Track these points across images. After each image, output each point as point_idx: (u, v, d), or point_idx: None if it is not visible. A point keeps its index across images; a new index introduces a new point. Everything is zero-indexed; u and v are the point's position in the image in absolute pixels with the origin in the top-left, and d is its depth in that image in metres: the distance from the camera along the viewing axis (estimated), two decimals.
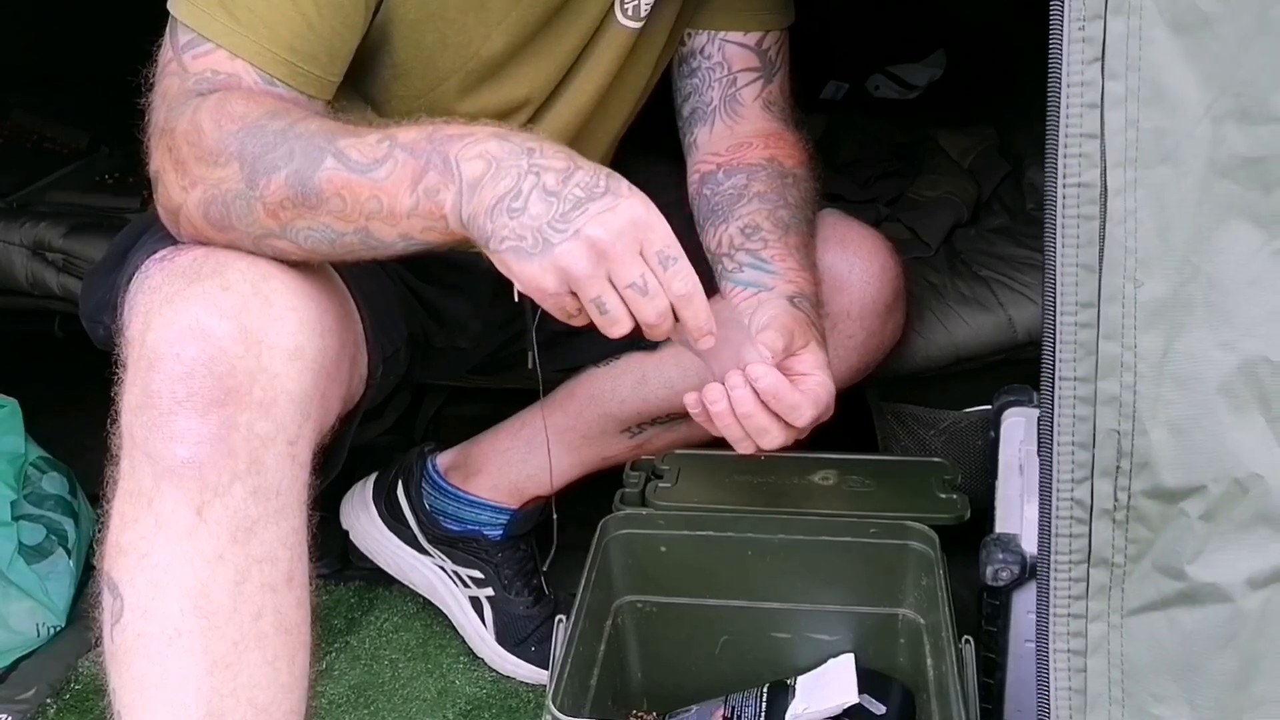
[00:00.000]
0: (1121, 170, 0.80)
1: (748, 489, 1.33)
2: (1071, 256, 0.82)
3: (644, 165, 1.45)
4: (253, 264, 0.98)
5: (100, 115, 2.18)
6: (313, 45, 1.06)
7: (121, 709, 0.94)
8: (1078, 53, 0.80)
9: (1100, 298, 0.82)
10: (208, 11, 1.03)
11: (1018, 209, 1.82)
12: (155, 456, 0.92)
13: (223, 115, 0.99)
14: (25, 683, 1.45)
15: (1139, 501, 0.83)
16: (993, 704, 1.18)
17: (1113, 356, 0.82)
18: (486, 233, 0.92)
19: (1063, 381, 0.83)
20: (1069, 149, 0.81)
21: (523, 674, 1.45)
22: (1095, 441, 0.83)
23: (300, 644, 0.98)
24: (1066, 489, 0.84)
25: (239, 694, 0.93)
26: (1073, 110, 0.80)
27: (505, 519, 1.48)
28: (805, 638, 1.26)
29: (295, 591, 0.97)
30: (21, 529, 1.51)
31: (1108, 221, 0.81)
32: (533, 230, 0.90)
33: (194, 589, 0.92)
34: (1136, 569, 0.84)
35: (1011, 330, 1.56)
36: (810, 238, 1.28)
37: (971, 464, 1.45)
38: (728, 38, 1.34)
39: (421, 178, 0.94)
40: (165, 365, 0.92)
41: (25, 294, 1.79)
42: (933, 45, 2.36)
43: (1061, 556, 0.85)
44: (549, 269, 0.91)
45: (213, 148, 0.98)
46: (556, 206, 0.90)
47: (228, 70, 1.04)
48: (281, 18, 1.04)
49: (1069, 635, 0.86)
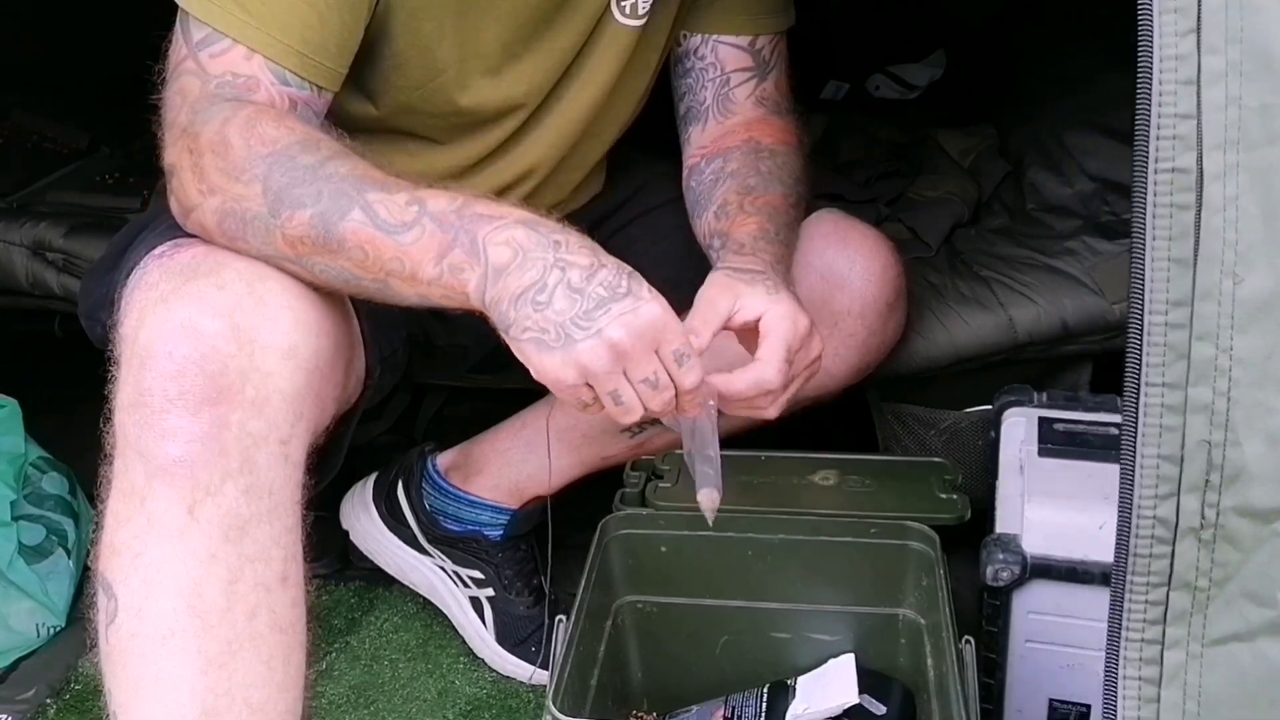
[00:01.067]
0: (1221, 153, 0.72)
1: (748, 489, 1.33)
2: (1163, 250, 0.74)
3: (644, 164, 1.46)
4: (250, 264, 0.98)
5: (100, 115, 2.18)
6: (323, 36, 1.06)
7: (117, 709, 0.94)
8: (1170, 24, 0.72)
9: (1194, 295, 0.74)
10: (220, 5, 1.03)
11: (1018, 209, 1.82)
12: (147, 455, 0.92)
13: (253, 136, 0.99)
14: (25, 683, 1.45)
15: (1228, 519, 0.75)
16: (993, 704, 1.18)
17: (1206, 360, 0.74)
18: (508, 320, 0.94)
19: (1149, 388, 0.75)
20: (1162, 131, 0.73)
21: (523, 674, 1.45)
22: (1184, 453, 0.75)
23: (296, 643, 0.98)
24: (1149, 505, 0.77)
25: (234, 693, 0.93)
26: (1166, 88, 0.73)
27: (505, 519, 1.48)
28: (805, 638, 1.26)
29: (290, 591, 0.97)
30: (21, 529, 1.51)
31: (1204, 210, 0.73)
32: (556, 325, 0.93)
33: (187, 588, 0.92)
34: (1222, 594, 0.77)
35: (1012, 330, 1.56)
36: (778, 194, 1.26)
37: (972, 464, 1.45)
38: (721, 39, 1.34)
39: (447, 252, 0.95)
40: (157, 363, 0.92)
41: (25, 294, 1.79)
42: (933, 45, 2.36)
43: (1139, 578, 0.78)
44: (570, 364, 0.94)
45: (239, 165, 0.99)
46: (580, 304, 0.93)
47: (246, 72, 1.04)
48: (292, 9, 1.04)
49: (1141, 662, 0.79)
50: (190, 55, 1.05)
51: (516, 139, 1.27)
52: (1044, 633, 1.15)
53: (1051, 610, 1.14)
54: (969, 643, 1.08)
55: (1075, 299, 1.55)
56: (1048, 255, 1.64)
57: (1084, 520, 1.11)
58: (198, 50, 1.05)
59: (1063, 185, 1.76)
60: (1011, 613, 1.15)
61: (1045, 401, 1.31)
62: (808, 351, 1.10)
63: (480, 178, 1.28)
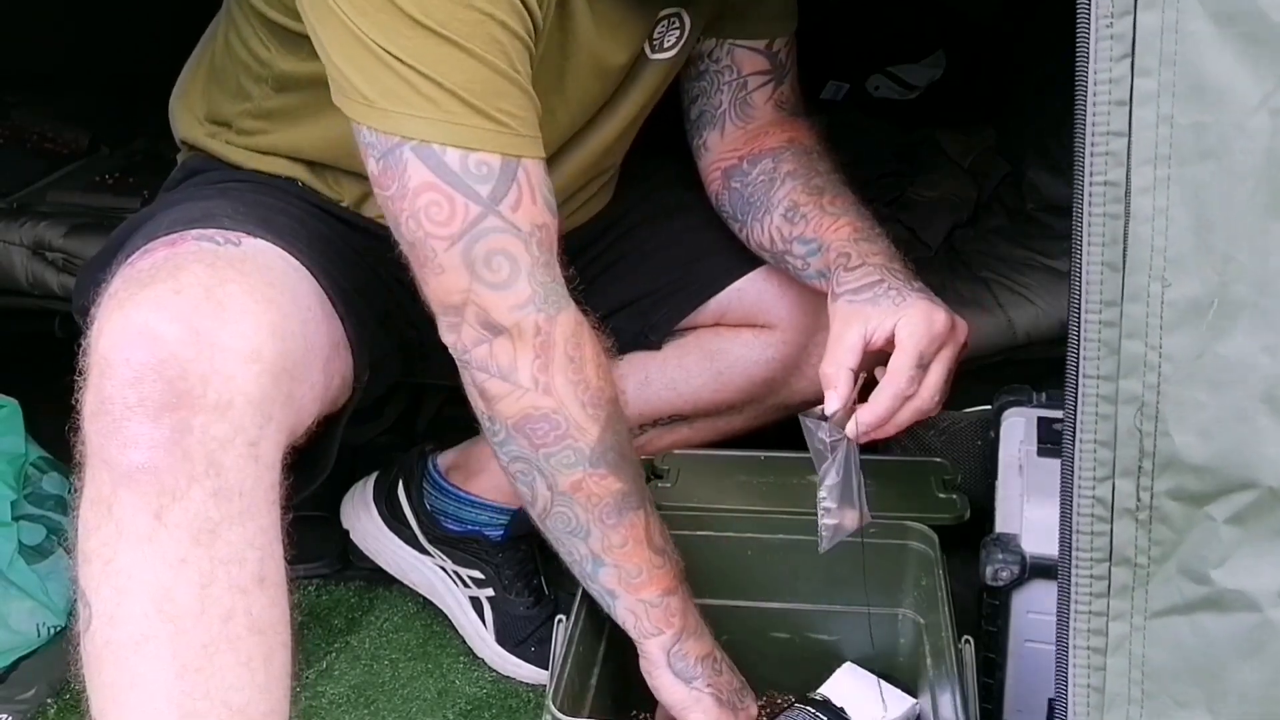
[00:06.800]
0: (1151, 167, 0.78)
1: (748, 489, 1.33)
2: (1096, 255, 0.80)
3: (651, 167, 1.45)
4: (209, 268, 0.98)
5: (100, 115, 2.18)
6: (533, 110, 1.06)
7: (97, 716, 0.94)
8: (1105, 50, 0.78)
9: (1123, 296, 0.80)
10: (497, 131, 1.01)
11: (1017, 209, 1.83)
12: (111, 463, 0.92)
13: (603, 372, 1.09)
14: (25, 683, 1.45)
15: (1162, 502, 0.81)
16: (993, 704, 1.18)
17: (1135, 355, 0.80)
18: (695, 673, 1.14)
19: (1085, 379, 0.81)
20: (1095, 147, 0.79)
21: (523, 674, 1.45)
22: (1117, 440, 0.81)
23: (278, 644, 0.97)
24: (1088, 487, 0.82)
25: (213, 696, 0.93)
26: (1099, 108, 0.78)
27: (506, 519, 1.48)
28: (805, 638, 1.26)
29: (268, 591, 0.96)
30: (21, 529, 1.51)
31: (1131, 220, 0.78)
32: (728, 689, 1.17)
33: (157, 593, 0.92)
34: (1160, 570, 0.82)
35: (1011, 331, 1.56)
36: (850, 194, 1.29)
37: (971, 464, 1.45)
38: (737, 43, 1.33)
39: (670, 594, 1.13)
40: (116, 371, 0.92)
41: (25, 294, 1.79)
42: (933, 45, 2.36)
43: (1083, 554, 0.84)
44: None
45: (593, 397, 1.07)
46: (734, 681, 1.19)
47: (543, 221, 1.05)
48: (520, 103, 1.04)
49: (1089, 633, 0.84)
50: (488, 211, 1.02)
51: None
52: (1043, 632, 1.15)
53: (1051, 610, 1.12)
54: (968, 642, 1.08)
55: None
56: (1047, 256, 1.64)
57: None
58: (495, 204, 1.02)
59: (1062, 185, 1.76)
60: (1011, 612, 1.15)
61: (1044, 401, 1.31)
62: (955, 340, 1.14)
63: None
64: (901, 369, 1.10)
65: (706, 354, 1.43)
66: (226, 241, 1.05)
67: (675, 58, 1.27)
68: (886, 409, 1.10)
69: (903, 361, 1.10)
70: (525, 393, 1.05)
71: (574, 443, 1.06)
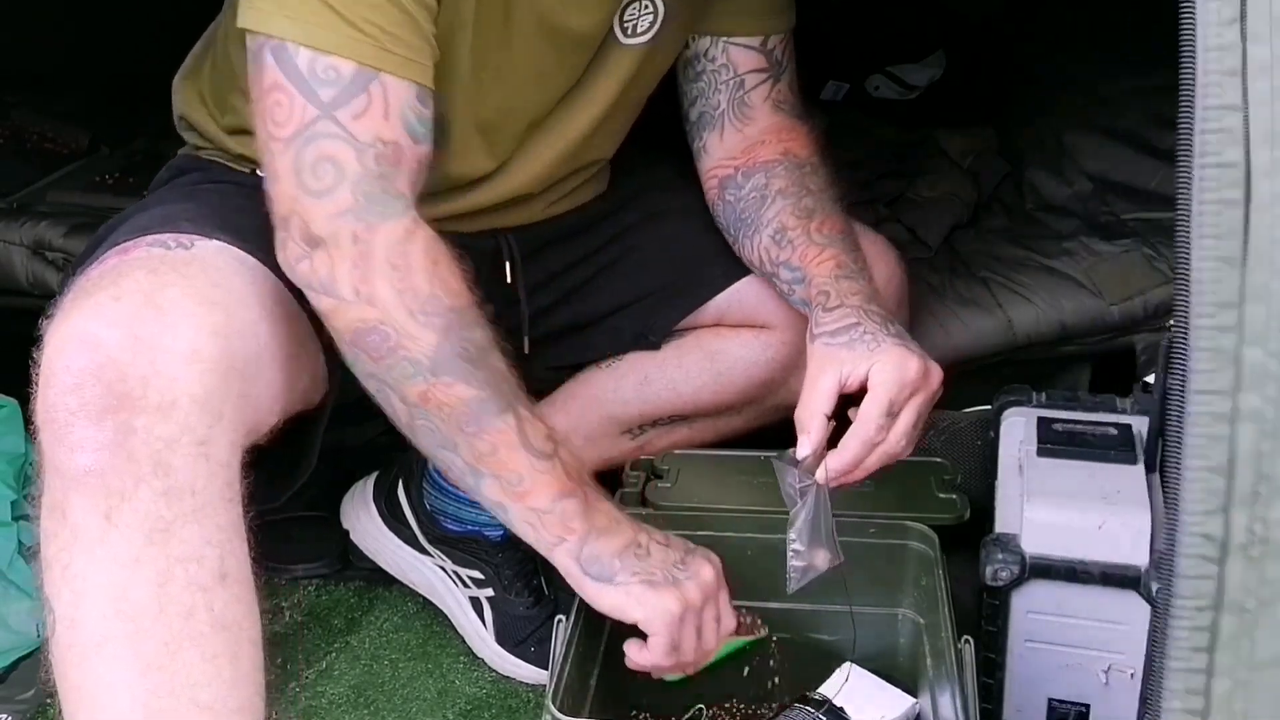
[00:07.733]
0: (1268, 148, 0.68)
1: (748, 489, 1.33)
2: (1209, 249, 0.69)
3: (647, 168, 1.45)
4: (151, 274, 0.98)
5: (100, 115, 2.18)
6: (418, 35, 1.05)
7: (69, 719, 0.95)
8: (1213, 12, 0.68)
9: (1243, 297, 0.69)
10: (353, 35, 1.00)
11: (1017, 209, 1.83)
12: (61, 469, 0.93)
13: (437, 278, 1.03)
14: (25, 683, 1.45)
15: (1275, 533, 0.71)
16: (992, 704, 1.18)
17: (1256, 365, 0.70)
18: (612, 569, 1.08)
19: (1196, 395, 0.70)
20: (1207, 123, 0.69)
21: (523, 674, 1.45)
22: (1234, 465, 0.70)
23: (246, 639, 0.97)
24: (1196, 522, 0.72)
25: (178, 693, 0.93)
26: (1210, 79, 0.68)
27: None
28: (805, 638, 1.26)
29: (231, 589, 0.96)
30: (21, 529, 1.51)
31: (1252, 209, 0.69)
32: (662, 568, 1.09)
33: (113, 593, 0.92)
34: (1268, 615, 0.72)
35: (1010, 331, 1.56)
36: (839, 216, 1.29)
37: (971, 464, 1.45)
38: (732, 41, 1.33)
39: (565, 497, 1.07)
40: (58, 378, 0.93)
41: (26, 294, 1.79)
42: (933, 45, 2.36)
43: (1185, 602, 0.73)
44: (677, 599, 1.08)
45: (421, 303, 1.02)
46: (672, 555, 1.11)
47: (389, 138, 1.02)
48: (395, 19, 1.02)
49: (1186, 693, 0.73)
50: (323, 115, 1.00)
51: (516, 155, 1.27)
52: (1043, 632, 1.15)
53: (1051, 610, 1.14)
54: (968, 642, 1.08)
55: (1074, 300, 1.55)
56: (1046, 256, 1.64)
57: (1083, 520, 1.11)
58: (333, 109, 1.00)
59: (1062, 185, 1.77)
60: (1010, 612, 1.15)
61: (1044, 401, 1.31)
62: (928, 387, 1.14)
63: (479, 191, 1.28)
64: (871, 417, 1.11)
65: (706, 354, 1.43)
66: (178, 245, 1.05)
67: (651, 45, 1.26)
68: (855, 456, 1.11)
69: (873, 410, 1.11)
70: (350, 305, 1.02)
71: (407, 353, 1.02)
